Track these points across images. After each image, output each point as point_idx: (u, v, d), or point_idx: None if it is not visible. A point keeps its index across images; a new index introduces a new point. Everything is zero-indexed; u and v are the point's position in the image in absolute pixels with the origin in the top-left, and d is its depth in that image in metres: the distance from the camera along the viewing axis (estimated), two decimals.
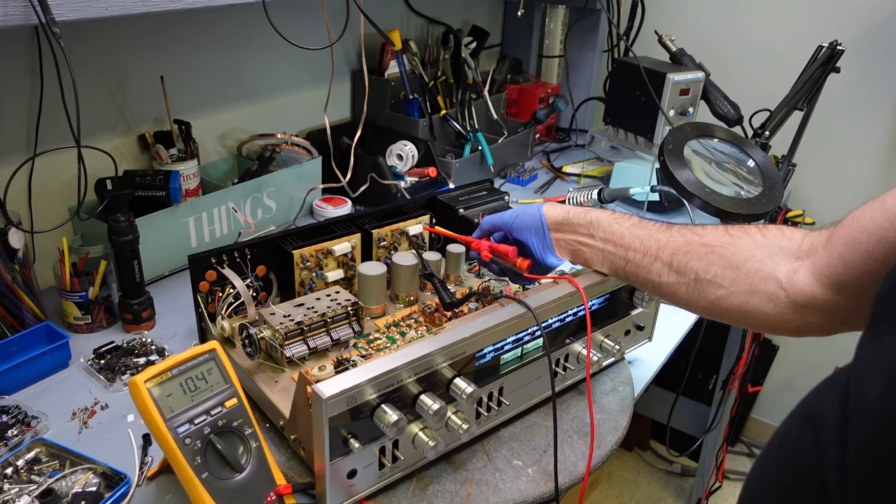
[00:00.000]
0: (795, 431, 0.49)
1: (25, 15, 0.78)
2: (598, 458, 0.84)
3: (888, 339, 0.42)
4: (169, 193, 1.17)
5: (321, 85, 1.49)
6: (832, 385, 0.48)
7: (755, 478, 0.53)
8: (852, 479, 0.40)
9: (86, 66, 1.13)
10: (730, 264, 0.70)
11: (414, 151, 1.54)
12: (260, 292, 0.97)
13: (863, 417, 0.41)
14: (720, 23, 2.00)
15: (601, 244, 0.82)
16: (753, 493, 0.52)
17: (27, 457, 0.79)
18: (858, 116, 1.88)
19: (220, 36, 1.34)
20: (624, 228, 0.80)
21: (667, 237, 0.76)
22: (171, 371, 0.70)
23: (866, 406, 0.41)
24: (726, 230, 0.72)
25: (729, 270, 0.70)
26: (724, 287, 0.70)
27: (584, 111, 2.01)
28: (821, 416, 0.46)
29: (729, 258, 0.70)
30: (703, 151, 1.41)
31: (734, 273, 0.69)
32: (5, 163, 1.07)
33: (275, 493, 0.72)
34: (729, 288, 0.70)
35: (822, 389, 0.49)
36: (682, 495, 2.31)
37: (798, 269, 0.66)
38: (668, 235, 0.76)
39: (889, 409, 0.39)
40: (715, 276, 0.70)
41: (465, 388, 0.75)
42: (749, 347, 1.84)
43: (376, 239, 1.04)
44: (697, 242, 0.73)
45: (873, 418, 0.40)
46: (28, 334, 0.97)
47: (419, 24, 1.84)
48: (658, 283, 0.76)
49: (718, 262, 0.70)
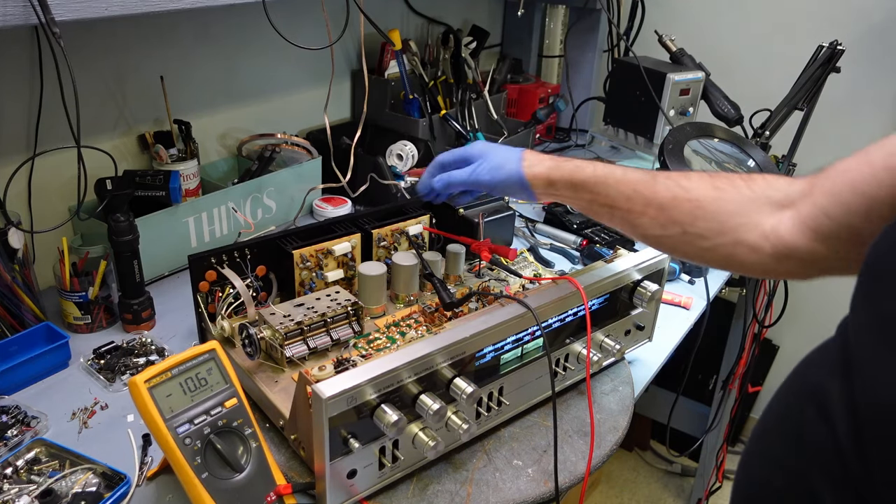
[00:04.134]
0: (794, 407, 0.49)
1: (25, 15, 0.78)
2: (598, 458, 0.84)
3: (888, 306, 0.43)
4: (169, 193, 1.17)
5: (321, 85, 1.49)
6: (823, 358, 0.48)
7: (756, 461, 0.53)
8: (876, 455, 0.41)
9: (86, 66, 1.13)
10: (716, 219, 0.70)
11: (414, 151, 1.54)
12: (260, 292, 0.97)
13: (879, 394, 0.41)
14: (720, 23, 2.00)
15: (586, 204, 0.82)
16: (759, 474, 0.52)
17: (27, 457, 0.79)
18: (858, 116, 1.88)
19: (220, 36, 1.34)
20: (609, 187, 0.78)
21: (653, 192, 0.75)
22: (171, 371, 0.70)
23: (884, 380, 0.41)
24: (713, 183, 0.72)
25: (715, 224, 0.70)
26: (710, 239, 0.71)
27: (584, 111, 2.01)
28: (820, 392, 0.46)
29: (715, 213, 0.70)
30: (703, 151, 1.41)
31: (720, 227, 0.70)
32: (5, 163, 1.07)
33: (275, 493, 0.72)
34: (715, 240, 0.70)
35: (812, 363, 0.49)
36: (682, 495, 2.31)
37: (782, 219, 0.66)
38: (654, 191, 0.75)
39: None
40: (701, 230, 0.71)
41: (465, 388, 0.75)
42: (749, 347, 1.84)
43: (376, 239, 1.04)
44: (683, 198, 0.73)
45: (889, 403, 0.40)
46: (28, 334, 0.97)
47: (419, 24, 1.84)
48: (644, 235, 0.77)
49: (705, 216, 0.71)
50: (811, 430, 0.46)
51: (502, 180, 0.85)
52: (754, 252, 0.68)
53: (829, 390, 0.46)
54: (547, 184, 0.83)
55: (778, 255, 0.66)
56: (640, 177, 0.77)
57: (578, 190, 0.81)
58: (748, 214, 0.68)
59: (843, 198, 0.59)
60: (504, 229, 1.29)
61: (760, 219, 0.68)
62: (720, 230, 0.70)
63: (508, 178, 0.84)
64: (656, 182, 0.75)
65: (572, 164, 0.82)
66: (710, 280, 1.27)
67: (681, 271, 1.31)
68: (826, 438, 0.44)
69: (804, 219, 0.64)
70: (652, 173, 0.77)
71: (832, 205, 0.60)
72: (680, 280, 1.31)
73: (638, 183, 0.76)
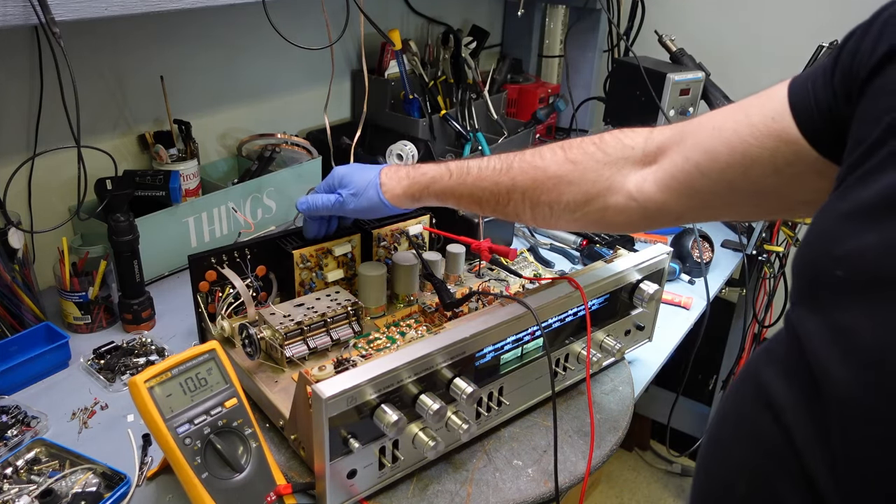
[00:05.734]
0: (748, 412, 0.49)
1: (25, 15, 0.78)
2: (598, 458, 0.84)
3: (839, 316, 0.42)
4: (169, 193, 1.17)
5: (321, 85, 1.49)
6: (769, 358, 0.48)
7: (716, 463, 0.52)
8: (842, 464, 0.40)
9: (86, 66, 1.13)
10: (580, 189, 0.71)
11: (414, 151, 1.54)
12: (260, 292, 0.97)
13: (840, 401, 0.41)
14: (720, 23, 2.00)
15: (456, 206, 0.83)
16: (721, 480, 0.51)
17: (27, 457, 0.79)
18: None
19: (220, 36, 1.34)
20: (468, 186, 0.79)
21: (511, 180, 0.76)
22: (170, 371, 0.70)
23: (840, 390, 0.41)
24: (565, 155, 0.73)
25: (580, 195, 0.71)
26: (579, 210, 0.72)
27: (584, 111, 2.01)
28: (773, 394, 0.46)
29: (578, 184, 0.71)
30: None
31: (585, 196, 0.71)
32: (5, 163, 1.07)
33: (275, 493, 0.72)
34: (583, 209, 0.72)
35: (761, 364, 0.49)
36: (683, 495, 2.31)
37: (647, 176, 0.67)
38: (512, 177, 0.76)
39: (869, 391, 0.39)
40: (568, 204, 0.73)
41: (465, 388, 0.75)
42: (749, 347, 1.85)
43: (376, 239, 1.04)
44: (542, 178, 0.74)
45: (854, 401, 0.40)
46: (28, 334, 0.97)
47: (419, 24, 1.84)
48: (518, 218, 0.79)
49: (568, 189, 0.72)
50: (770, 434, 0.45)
51: (366, 208, 0.86)
52: (622, 213, 0.69)
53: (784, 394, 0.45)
54: (410, 200, 0.85)
55: (647, 212, 0.68)
56: (496, 166, 0.78)
57: (442, 197, 0.83)
58: (610, 178, 0.69)
59: (720, 156, 0.59)
60: (504, 229, 1.29)
61: (623, 179, 0.69)
62: (585, 199, 0.71)
63: (371, 205, 0.86)
64: (511, 169, 0.76)
65: (427, 175, 0.83)
66: (710, 280, 1.27)
67: (681, 271, 1.31)
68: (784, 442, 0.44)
69: (673, 173, 0.64)
70: (506, 159, 0.78)
71: (708, 162, 0.60)
72: (680, 280, 1.31)
73: (495, 174, 0.77)
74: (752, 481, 0.47)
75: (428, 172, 0.83)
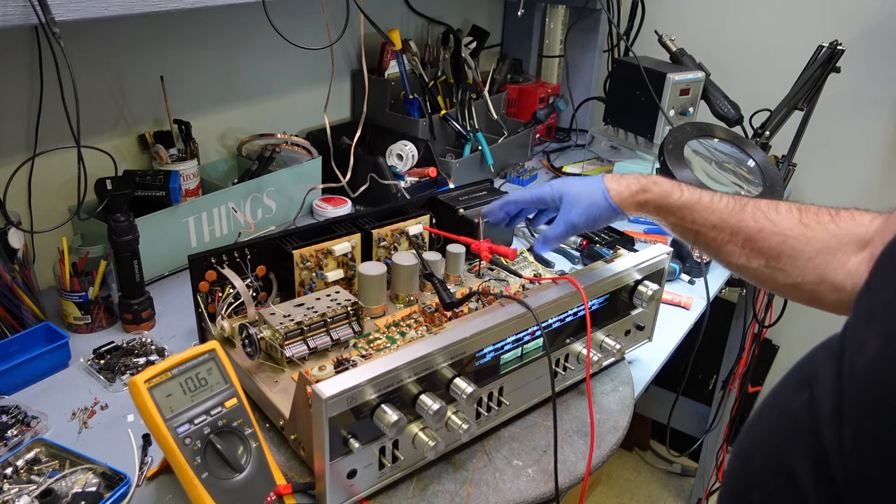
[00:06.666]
0: (790, 393, 0.50)
1: (25, 15, 0.78)
2: (598, 458, 0.84)
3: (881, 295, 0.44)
4: (169, 193, 1.17)
5: (321, 85, 1.49)
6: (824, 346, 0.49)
7: (748, 438, 0.53)
8: (849, 428, 0.41)
9: (86, 66, 1.13)
10: (801, 256, 0.71)
11: (414, 151, 1.54)
12: (260, 292, 0.97)
13: (862, 370, 0.42)
14: (720, 23, 2.00)
15: (671, 226, 0.83)
16: (745, 452, 0.52)
17: (27, 457, 0.79)
18: (858, 116, 1.88)
19: (220, 36, 1.34)
20: (695, 213, 0.79)
21: (739, 222, 0.76)
22: (170, 371, 0.70)
23: (865, 358, 0.42)
24: (800, 219, 0.72)
25: (800, 262, 0.71)
26: (793, 276, 0.71)
27: (584, 111, 2.01)
28: (815, 375, 0.47)
29: (801, 250, 0.71)
30: (703, 151, 1.41)
31: (805, 265, 0.71)
32: (5, 163, 1.07)
33: (275, 493, 0.72)
34: (797, 277, 0.71)
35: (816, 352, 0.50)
36: (682, 495, 2.31)
37: (864, 258, 0.67)
38: (741, 220, 0.76)
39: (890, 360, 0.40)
40: (784, 265, 0.72)
41: (465, 388, 0.75)
42: (749, 347, 1.85)
43: (376, 239, 1.04)
44: (770, 230, 0.73)
45: (873, 369, 0.41)
46: (28, 334, 0.97)
47: (419, 24, 1.84)
48: (727, 262, 0.78)
49: (790, 252, 0.72)
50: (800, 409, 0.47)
51: (596, 218, 0.87)
52: (836, 291, 0.68)
53: (823, 373, 0.46)
54: (636, 208, 0.85)
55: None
56: (728, 205, 0.78)
57: (664, 213, 0.83)
58: (834, 253, 0.69)
59: None
60: (504, 229, 1.29)
61: (845, 258, 0.68)
62: (804, 268, 0.70)
63: (601, 214, 0.86)
64: (744, 212, 0.76)
65: (659, 187, 0.83)
66: (710, 280, 1.27)
67: (681, 271, 1.31)
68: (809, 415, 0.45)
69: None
70: (740, 201, 0.77)
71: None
72: (680, 280, 1.31)
73: (724, 211, 0.77)
74: (768, 453, 0.48)
75: (662, 184, 0.83)
